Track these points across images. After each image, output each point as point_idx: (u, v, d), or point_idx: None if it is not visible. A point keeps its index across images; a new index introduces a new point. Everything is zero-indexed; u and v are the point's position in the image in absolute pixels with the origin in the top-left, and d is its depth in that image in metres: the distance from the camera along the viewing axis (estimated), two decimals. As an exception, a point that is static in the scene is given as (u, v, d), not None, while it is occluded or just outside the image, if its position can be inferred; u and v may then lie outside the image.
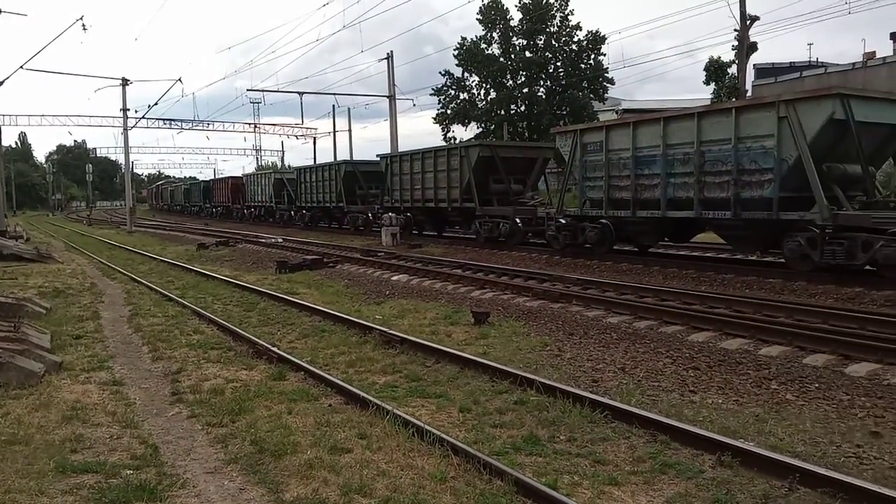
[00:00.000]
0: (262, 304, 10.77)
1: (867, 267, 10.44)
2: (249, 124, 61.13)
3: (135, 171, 79.01)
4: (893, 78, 32.89)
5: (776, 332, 7.33)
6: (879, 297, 9.40)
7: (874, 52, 39.00)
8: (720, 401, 5.51)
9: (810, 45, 71.47)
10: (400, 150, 27.98)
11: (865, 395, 5.43)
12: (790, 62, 42.75)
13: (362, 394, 5.58)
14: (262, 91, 38.45)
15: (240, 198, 43.99)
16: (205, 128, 55.34)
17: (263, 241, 23.22)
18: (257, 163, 76.67)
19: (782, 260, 11.86)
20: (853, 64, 37.89)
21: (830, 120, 10.76)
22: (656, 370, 6.44)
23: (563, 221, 15.90)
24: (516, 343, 7.76)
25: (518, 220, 18.01)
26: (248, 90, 42.64)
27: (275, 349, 7.31)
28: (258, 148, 76.63)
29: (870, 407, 5.18)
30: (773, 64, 42.17)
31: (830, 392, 5.55)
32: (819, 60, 43.14)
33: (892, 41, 39.69)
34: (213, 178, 64.21)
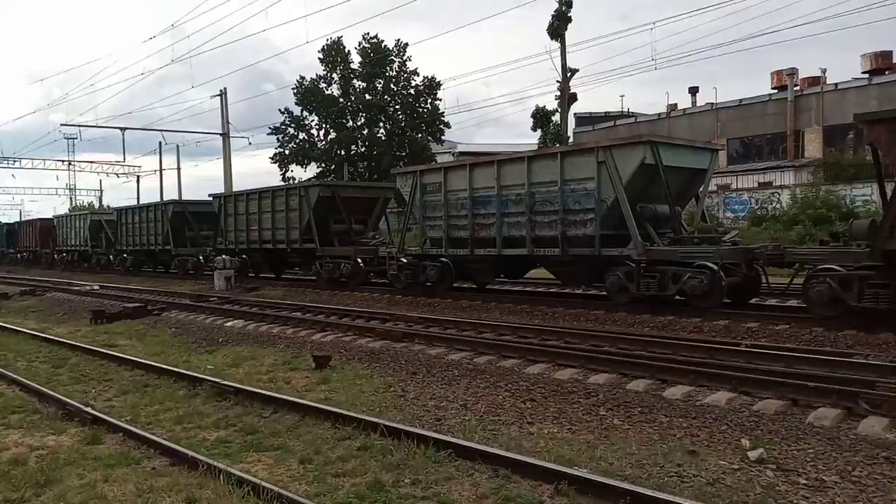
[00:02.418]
0: (75, 360, 9.70)
1: (677, 297, 11.51)
2: (63, 161, 55.95)
3: (-80, 211, 69.09)
4: (693, 127, 37.29)
5: (602, 360, 7.80)
6: (688, 324, 10.37)
7: (676, 104, 44.08)
8: (555, 430, 5.72)
9: (622, 96, 79.36)
10: (235, 190, 26.99)
11: (682, 416, 5.89)
12: (605, 112, 47.00)
13: (191, 453, 5.14)
14: (79, 126, 35.31)
15: (50, 242, 39.82)
16: (10, 165, 49.85)
17: (77, 288, 21.09)
18: (71, 203, 69.99)
19: (605, 293, 12.76)
20: (659, 114, 42.50)
21: (642, 164, 11.84)
22: (496, 404, 6.57)
23: (404, 261, 16.04)
24: (359, 386, 7.60)
25: (360, 261, 17.93)
26: (62, 125, 39.08)
27: (88, 409, 6.56)
28: (72, 187, 69.88)
29: (686, 427, 5.62)
30: (591, 113, 46.09)
31: (652, 415, 5.96)
32: (630, 110, 47.83)
33: (690, 95, 45.12)
34: (18, 220, 57.73)
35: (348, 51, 44.80)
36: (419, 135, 44.74)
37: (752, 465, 4.70)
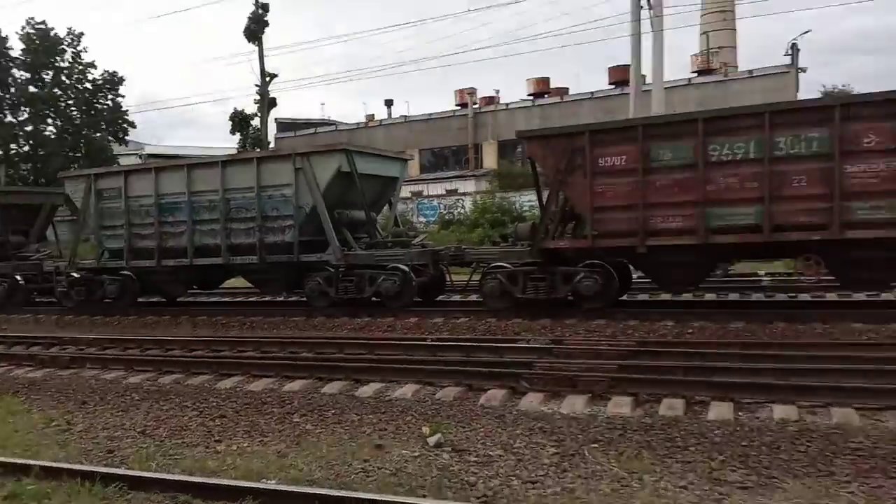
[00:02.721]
0: None
1: (374, 298, 11.96)
2: None
3: None
4: (389, 137, 39.39)
5: (299, 367, 7.74)
6: (384, 323, 10.84)
7: (374, 115, 46.11)
8: (245, 444, 5.48)
9: (323, 104, 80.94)
10: None
11: (372, 412, 6.08)
12: (307, 119, 47.28)
13: None
14: None
15: None
16: None
17: None
18: None
19: (305, 298, 12.74)
20: (358, 123, 44.09)
21: (339, 172, 12.09)
22: (181, 426, 6.08)
23: (76, 276, 14.15)
24: (12, 424, 6.44)
25: (19, 278, 15.37)
26: None
27: None
28: None
29: (375, 423, 5.80)
30: (293, 119, 45.95)
31: (344, 415, 6.04)
32: (331, 118, 48.77)
33: (386, 106, 47.56)
34: None
35: (6, 36, 38.17)
36: (98, 134, 39.92)
37: (432, 450, 5.02)
